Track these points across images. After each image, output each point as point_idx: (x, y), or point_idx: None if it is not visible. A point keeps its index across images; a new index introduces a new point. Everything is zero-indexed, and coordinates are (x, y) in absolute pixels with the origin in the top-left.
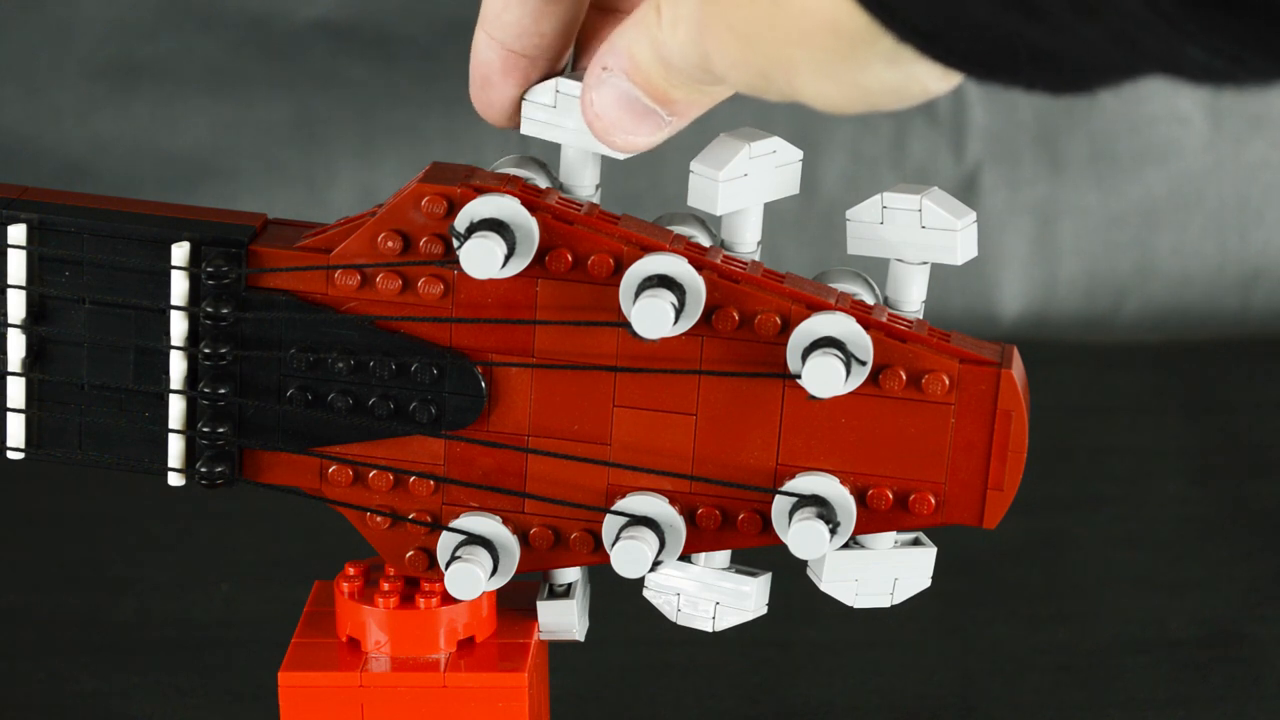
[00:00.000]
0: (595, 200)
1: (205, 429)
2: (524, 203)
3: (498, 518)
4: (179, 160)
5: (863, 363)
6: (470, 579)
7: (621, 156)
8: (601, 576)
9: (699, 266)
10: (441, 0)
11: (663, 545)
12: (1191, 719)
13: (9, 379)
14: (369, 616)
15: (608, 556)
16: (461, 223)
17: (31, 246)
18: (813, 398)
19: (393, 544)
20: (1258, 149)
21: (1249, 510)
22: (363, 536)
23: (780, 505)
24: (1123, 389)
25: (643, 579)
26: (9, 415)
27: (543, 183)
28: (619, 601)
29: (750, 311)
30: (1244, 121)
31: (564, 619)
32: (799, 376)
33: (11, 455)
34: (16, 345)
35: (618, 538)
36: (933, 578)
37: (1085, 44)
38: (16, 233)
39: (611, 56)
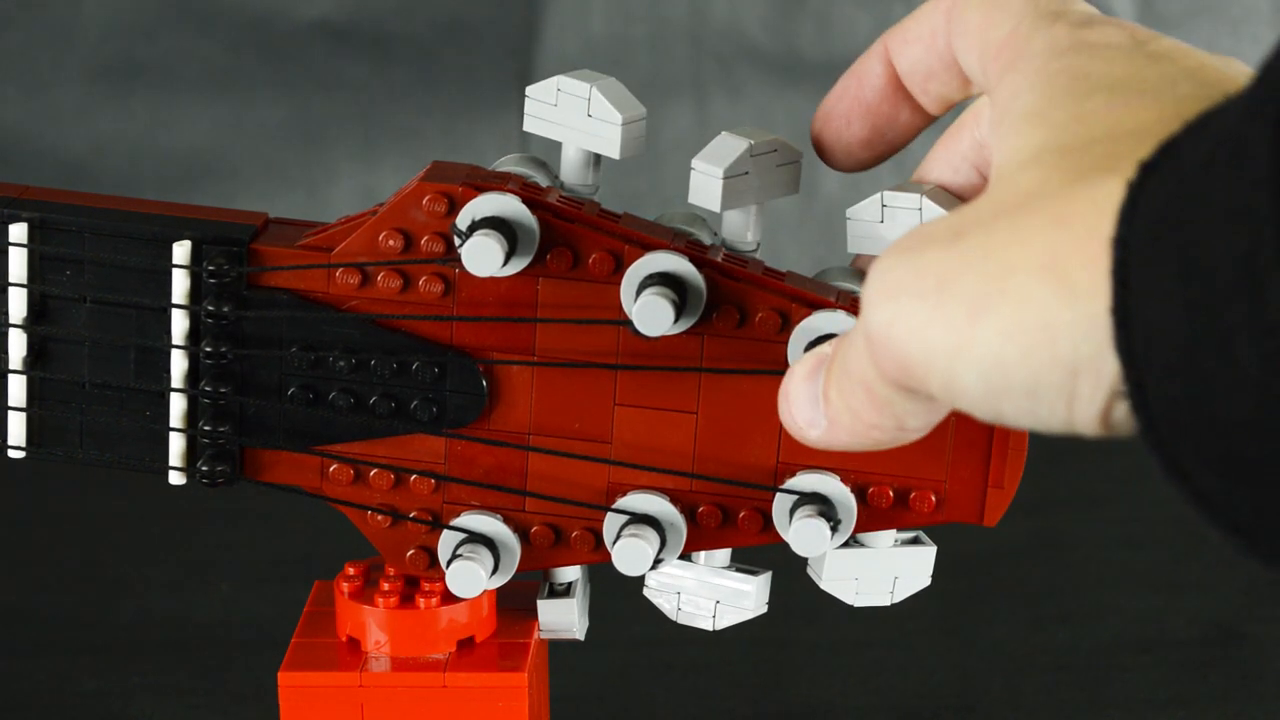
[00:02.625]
0: (596, 199)
1: (206, 427)
2: (525, 201)
3: (498, 516)
4: (179, 160)
5: None
6: (471, 577)
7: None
8: (602, 575)
9: (700, 264)
10: (441, 0)
11: (663, 543)
12: (1191, 719)
13: (10, 378)
14: (369, 616)
15: (608, 555)
16: (463, 221)
17: (32, 245)
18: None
19: (393, 543)
20: None
21: None
22: (363, 536)
23: (781, 503)
24: None
25: (643, 578)
26: (10, 414)
27: (543, 181)
28: (619, 601)
29: (751, 309)
30: None
31: (564, 618)
32: None
33: (12, 454)
34: (17, 344)
35: (618, 536)
36: (933, 577)
37: None
38: (17, 231)
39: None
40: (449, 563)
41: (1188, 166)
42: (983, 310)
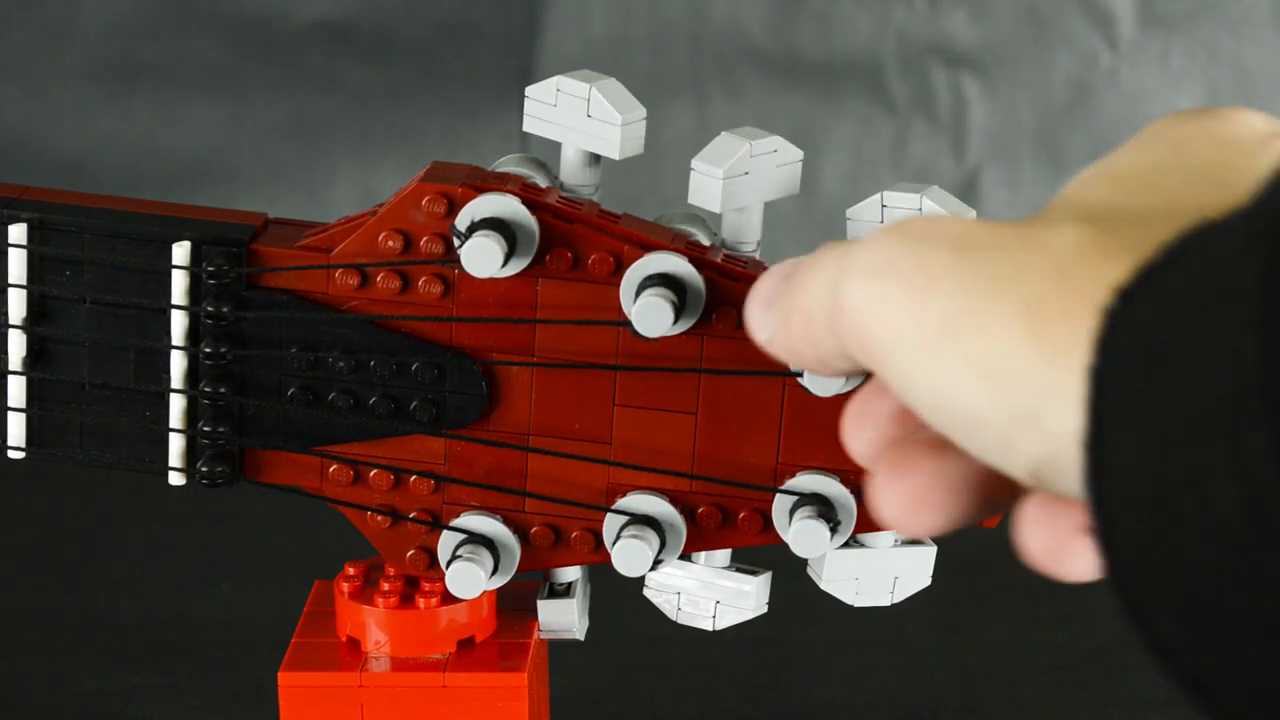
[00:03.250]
0: (595, 199)
1: (206, 428)
2: (524, 202)
3: (498, 517)
4: (179, 160)
5: None
6: (471, 578)
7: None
8: (602, 575)
9: (699, 265)
10: (441, 1)
11: (663, 544)
12: (1191, 719)
13: (10, 378)
14: (369, 616)
15: (608, 555)
16: (462, 222)
17: (32, 246)
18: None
19: (393, 543)
20: None
21: None
22: (363, 536)
23: (781, 504)
24: None
25: (643, 578)
26: (10, 415)
27: (543, 182)
28: (619, 601)
29: None
30: None
31: (564, 618)
32: (799, 375)
33: (12, 455)
34: (17, 345)
35: (618, 536)
36: (933, 577)
37: None
38: (17, 232)
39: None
40: (449, 563)
41: (1171, 294)
42: (955, 326)
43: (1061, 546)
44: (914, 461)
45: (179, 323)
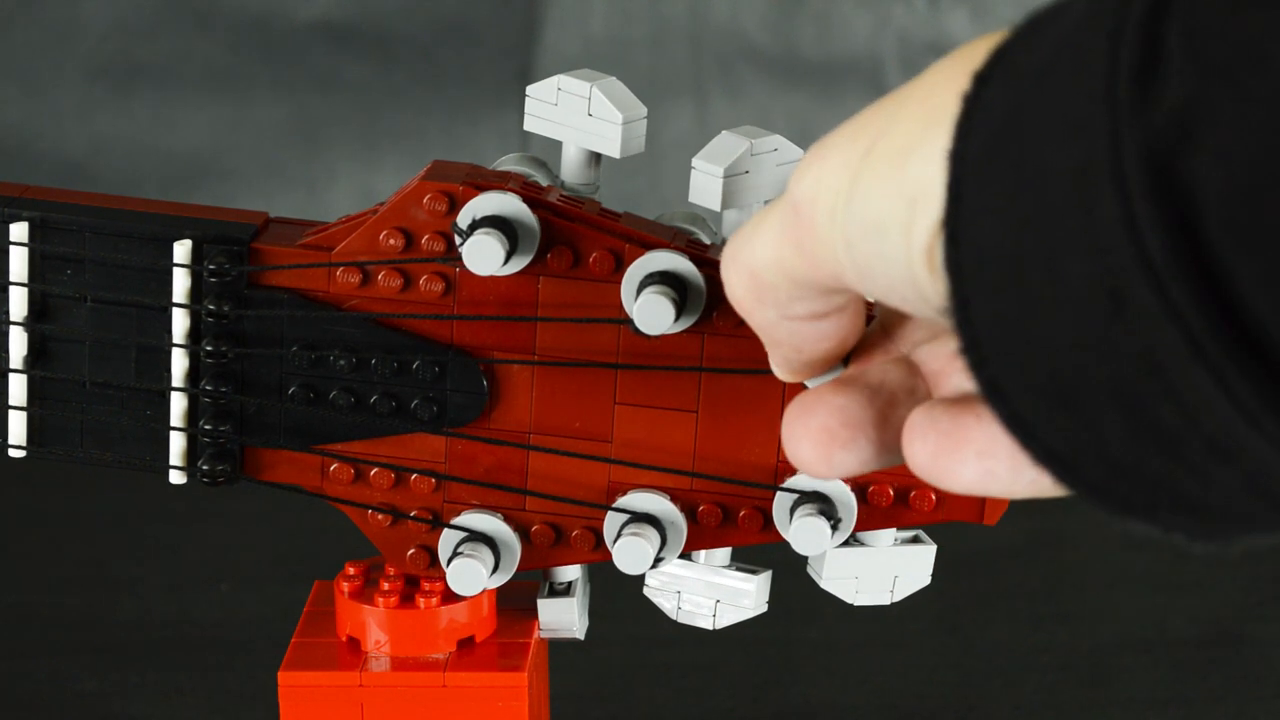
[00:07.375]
0: (596, 198)
1: (207, 427)
2: (525, 200)
3: (499, 515)
4: (179, 160)
5: None
6: (472, 575)
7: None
8: (602, 574)
9: (700, 263)
10: (441, 1)
11: (664, 542)
12: (1191, 719)
13: (10, 377)
14: (369, 616)
15: (609, 554)
16: (463, 220)
17: (33, 244)
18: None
19: (394, 542)
20: None
21: None
22: (363, 535)
23: (781, 502)
24: None
25: (643, 577)
26: (10, 413)
27: (544, 180)
28: (619, 600)
29: None
30: None
31: (564, 617)
32: None
33: (13, 453)
34: (18, 343)
35: (619, 535)
36: (933, 576)
37: (1224, 491)
38: (18, 230)
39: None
40: (449, 561)
41: (1023, 74)
42: (876, 142)
43: (946, 451)
44: (819, 397)
45: (180, 321)
